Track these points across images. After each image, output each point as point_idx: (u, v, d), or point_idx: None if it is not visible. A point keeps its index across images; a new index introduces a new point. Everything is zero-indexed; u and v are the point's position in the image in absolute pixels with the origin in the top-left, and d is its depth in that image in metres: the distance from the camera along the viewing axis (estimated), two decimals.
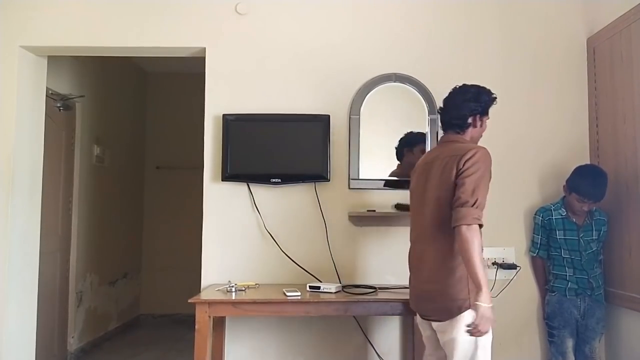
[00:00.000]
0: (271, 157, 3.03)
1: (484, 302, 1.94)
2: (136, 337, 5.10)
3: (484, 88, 2.33)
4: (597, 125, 3.04)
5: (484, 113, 2.31)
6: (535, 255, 2.98)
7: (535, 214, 2.99)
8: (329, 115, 3.06)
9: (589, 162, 3.09)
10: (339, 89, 3.12)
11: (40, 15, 3.17)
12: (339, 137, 3.10)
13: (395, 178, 3.07)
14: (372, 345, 3.02)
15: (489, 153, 2.13)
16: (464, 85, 2.33)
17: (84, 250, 4.46)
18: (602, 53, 2.99)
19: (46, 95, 3.53)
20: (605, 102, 2.97)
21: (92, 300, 4.64)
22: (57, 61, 3.81)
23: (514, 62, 3.17)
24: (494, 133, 3.12)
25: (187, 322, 2.95)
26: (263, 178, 3.03)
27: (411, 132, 3.09)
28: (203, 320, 2.51)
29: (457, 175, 2.08)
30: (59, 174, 4.10)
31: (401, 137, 3.09)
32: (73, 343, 4.28)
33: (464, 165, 2.08)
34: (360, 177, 3.07)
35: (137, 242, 5.71)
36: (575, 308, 2.79)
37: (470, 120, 2.27)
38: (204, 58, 3.16)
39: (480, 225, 2.00)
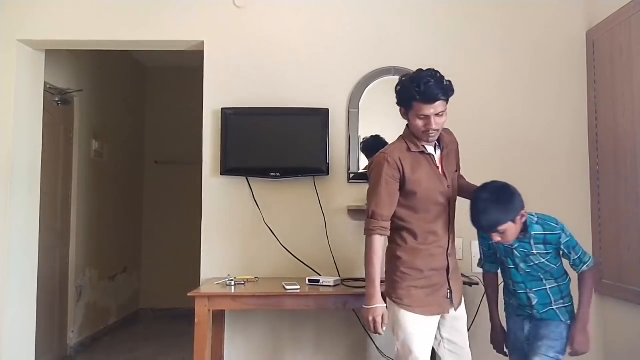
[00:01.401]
0: (270, 151, 3.02)
1: (365, 305, 2.09)
2: (136, 332, 5.11)
3: (404, 77, 2.12)
4: (596, 119, 3.04)
5: (404, 106, 2.10)
6: (481, 267, 2.44)
7: None
8: (327, 109, 3.06)
9: (587, 157, 3.09)
10: (338, 83, 3.12)
11: (38, 9, 3.16)
12: (338, 131, 3.09)
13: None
14: (371, 338, 3.03)
15: (383, 158, 2.10)
16: None
17: (83, 245, 4.46)
18: (602, 46, 2.98)
19: (44, 90, 3.52)
20: (604, 95, 2.96)
21: (92, 295, 4.64)
22: (55, 55, 3.79)
23: (513, 55, 3.16)
24: (492, 126, 3.13)
25: (187, 316, 2.95)
26: (262, 172, 3.03)
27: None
28: (203, 313, 2.51)
29: None
30: (58, 168, 4.09)
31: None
32: (73, 337, 4.29)
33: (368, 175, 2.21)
34: (359, 171, 3.07)
35: (136, 237, 5.71)
36: (519, 330, 2.31)
37: (402, 113, 2.14)
38: (203, 52, 3.15)
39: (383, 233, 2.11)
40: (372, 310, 2.07)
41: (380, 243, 2.09)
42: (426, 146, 2.14)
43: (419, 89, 2.01)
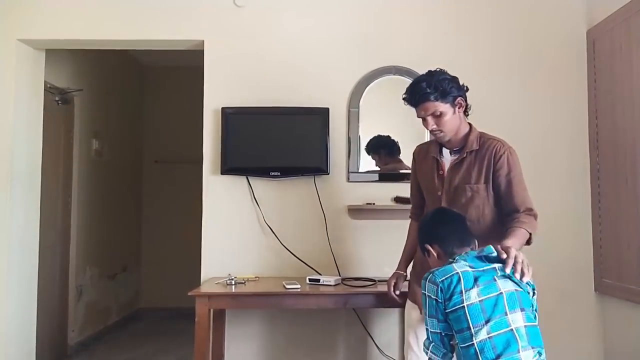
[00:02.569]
0: (270, 150, 3.03)
1: None
2: (136, 331, 5.11)
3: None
4: (596, 118, 3.04)
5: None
6: None
7: None
8: (328, 108, 3.06)
9: (587, 156, 3.09)
10: (338, 82, 3.12)
11: (38, 9, 3.16)
12: (338, 130, 3.09)
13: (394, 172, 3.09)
14: (371, 337, 3.03)
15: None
16: None
17: (83, 244, 4.46)
18: (602, 45, 2.98)
19: (44, 89, 3.52)
20: (604, 94, 2.96)
21: (92, 294, 4.64)
22: (55, 55, 3.78)
23: (513, 54, 3.16)
24: (492, 126, 3.11)
25: (188, 315, 2.95)
26: (262, 171, 3.03)
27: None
28: (203, 313, 2.51)
29: None
30: (58, 168, 4.09)
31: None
32: (73, 337, 4.29)
33: None
34: (359, 170, 3.07)
35: (136, 236, 5.71)
36: None
37: None
38: (203, 51, 3.15)
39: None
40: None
41: (412, 226, 2.39)
42: (444, 149, 2.17)
43: (406, 94, 2.10)
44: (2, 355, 3.05)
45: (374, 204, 2.99)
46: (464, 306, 1.62)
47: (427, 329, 1.74)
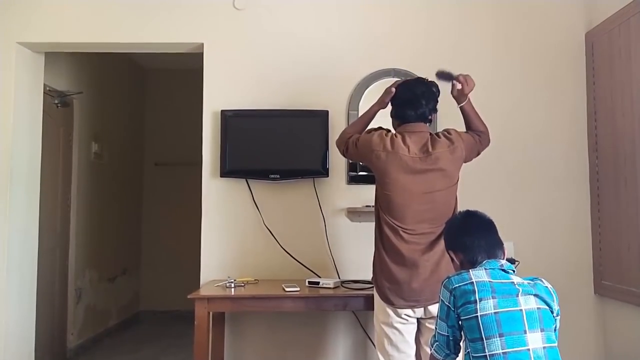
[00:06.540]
0: (270, 153, 3.03)
1: None
2: (136, 334, 5.11)
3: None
4: (595, 120, 3.04)
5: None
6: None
7: None
8: (327, 111, 3.06)
9: (587, 158, 3.09)
10: (338, 84, 3.12)
11: (38, 12, 3.16)
12: (337, 133, 3.06)
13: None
14: (371, 340, 3.02)
15: None
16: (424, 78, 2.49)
17: (82, 247, 4.46)
18: (601, 47, 2.98)
19: (44, 92, 3.53)
20: (603, 96, 2.97)
21: (92, 297, 4.64)
22: (55, 57, 3.79)
23: (511, 56, 3.16)
24: (492, 129, 3.12)
25: (187, 318, 2.95)
26: (262, 174, 3.03)
27: None
28: (202, 316, 2.51)
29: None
30: (57, 170, 4.09)
31: None
32: (73, 340, 4.28)
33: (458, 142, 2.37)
34: (358, 173, 3.07)
35: (136, 239, 5.71)
36: None
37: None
38: (202, 54, 3.16)
39: None
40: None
41: None
42: None
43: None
44: (2, 358, 3.05)
45: (372, 206, 2.99)
46: (477, 316, 1.61)
47: (435, 329, 1.76)
